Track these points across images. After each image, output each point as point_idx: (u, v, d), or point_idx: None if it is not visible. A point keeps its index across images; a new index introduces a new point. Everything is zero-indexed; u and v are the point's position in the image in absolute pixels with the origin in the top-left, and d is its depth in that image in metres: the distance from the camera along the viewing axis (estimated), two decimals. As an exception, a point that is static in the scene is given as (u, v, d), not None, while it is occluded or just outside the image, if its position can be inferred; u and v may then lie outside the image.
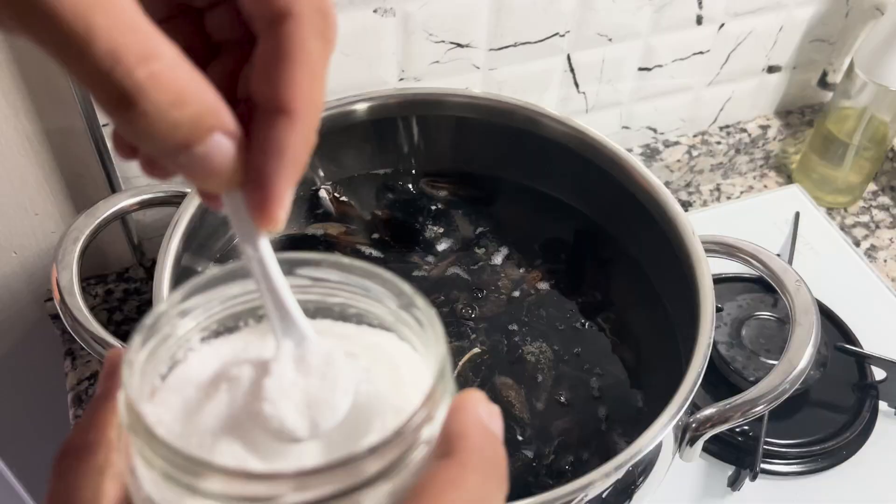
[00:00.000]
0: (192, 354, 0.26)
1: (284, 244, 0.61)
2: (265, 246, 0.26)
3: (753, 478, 0.61)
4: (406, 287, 0.26)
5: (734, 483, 0.63)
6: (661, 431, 0.43)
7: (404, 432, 0.22)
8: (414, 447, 0.23)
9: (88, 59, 0.20)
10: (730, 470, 0.64)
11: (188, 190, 0.53)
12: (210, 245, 0.59)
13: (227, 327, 0.27)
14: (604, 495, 0.44)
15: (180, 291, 0.26)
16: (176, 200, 0.53)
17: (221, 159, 0.23)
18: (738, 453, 0.64)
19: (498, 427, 0.25)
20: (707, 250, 0.53)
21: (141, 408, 0.23)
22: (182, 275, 0.53)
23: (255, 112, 0.25)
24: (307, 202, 0.64)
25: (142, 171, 0.26)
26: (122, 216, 0.53)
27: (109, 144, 0.62)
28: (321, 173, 0.64)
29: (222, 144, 0.23)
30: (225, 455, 0.24)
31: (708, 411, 0.47)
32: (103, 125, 0.60)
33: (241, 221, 0.25)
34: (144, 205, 0.53)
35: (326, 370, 0.25)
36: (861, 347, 0.71)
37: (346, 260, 0.27)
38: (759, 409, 0.46)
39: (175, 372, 0.26)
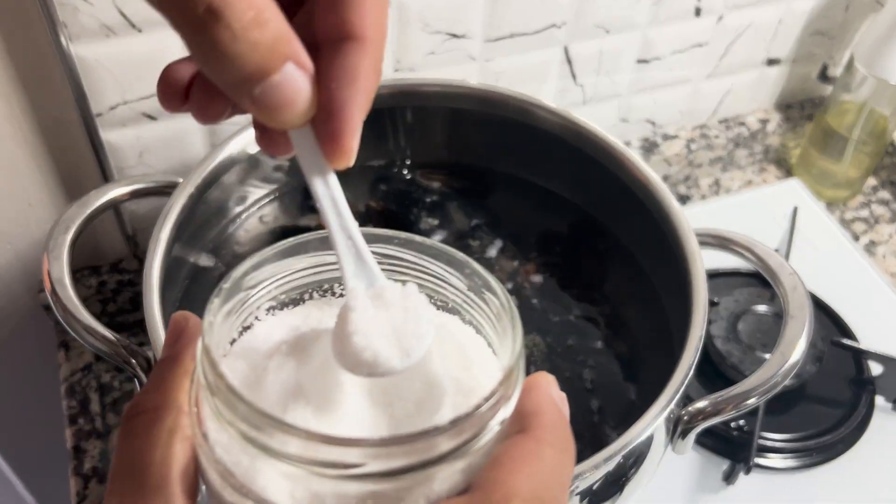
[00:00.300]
0: (259, 324, 0.27)
1: (277, 235, 0.61)
2: (335, 182, 0.26)
3: (748, 472, 0.61)
4: (481, 269, 0.26)
5: (729, 477, 0.62)
6: (652, 423, 0.42)
7: (483, 409, 0.22)
8: (489, 426, 0.23)
9: None
10: (725, 464, 0.64)
11: (180, 180, 0.53)
12: (202, 235, 0.59)
13: (292, 299, 0.27)
14: (594, 487, 0.44)
15: (253, 259, 0.26)
16: (168, 190, 0.53)
17: (295, 89, 0.23)
18: (733, 447, 0.64)
19: (567, 410, 0.26)
20: (702, 243, 0.52)
21: (222, 368, 0.22)
22: (173, 265, 0.52)
23: (321, 49, 0.25)
24: (300, 193, 0.63)
25: (195, 117, 0.27)
26: (113, 206, 0.52)
27: (103, 135, 0.61)
28: (315, 164, 0.63)
29: (296, 74, 0.23)
30: (295, 422, 0.24)
31: (700, 404, 0.47)
32: (96, 115, 0.60)
33: (310, 158, 0.25)
34: (136, 195, 0.53)
35: (406, 302, 0.25)
36: (858, 342, 0.70)
37: (418, 239, 0.27)
38: (752, 401, 0.46)
39: (242, 340, 0.26)
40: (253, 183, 0.60)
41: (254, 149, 0.57)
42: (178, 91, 0.27)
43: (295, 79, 0.23)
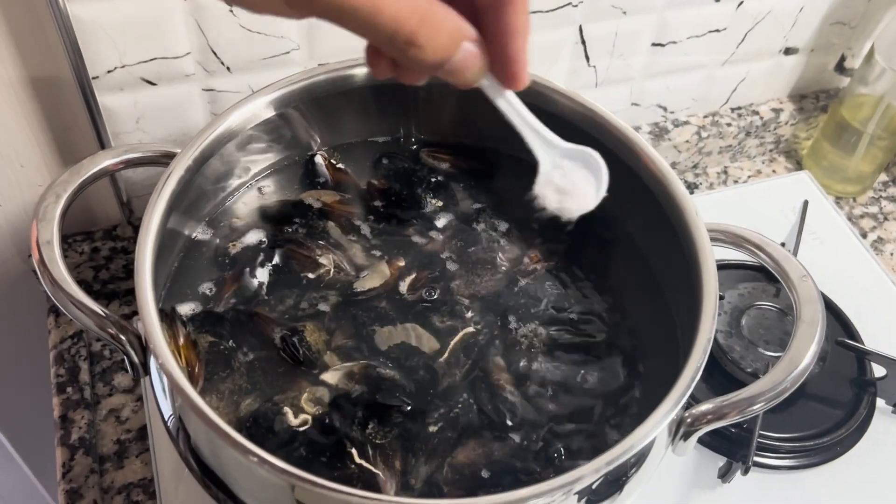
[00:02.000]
0: None
1: (277, 209, 0.59)
2: (513, 97, 0.41)
3: (745, 472, 0.60)
4: None
5: (725, 475, 0.61)
6: (655, 428, 0.41)
7: None
8: None
9: (377, 26, 0.32)
10: (721, 461, 0.63)
11: (177, 150, 0.51)
12: (199, 207, 0.57)
13: None
14: (594, 486, 0.43)
15: None
16: (163, 161, 0.51)
17: (472, 56, 0.35)
18: (731, 445, 0.63)
19: None
20: (712, 239, 0.51)
21: None
22: (167, 237, 0.51)
23: (483, 12, 0.36)
24: (302, 168, 0.61)
25: (400, 80, 0.38)
26: (106, 175, 0.50)
27: (99, 99, 0.59)
28: (317, 138, 0.62)
29: (469, 47, 0.35)
30: None
31: (704, 407, 0.45)
32: (93, 78, 0.58)
33: (495, 91, 0.40)
34: (130, 164, 0.51)
35: (584, 154, 0.40)
36: (862, 343, 0.69)
37: None
38: (757, 407, 0.45)
39: None
40: (253, 155, 0.59)
41: (255, 120, 0.55)
42: (384, 66, 0.37)
43: (469, 51, 0.35)
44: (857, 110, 0.82)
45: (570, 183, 0.43)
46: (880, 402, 0.67)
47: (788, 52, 0.84)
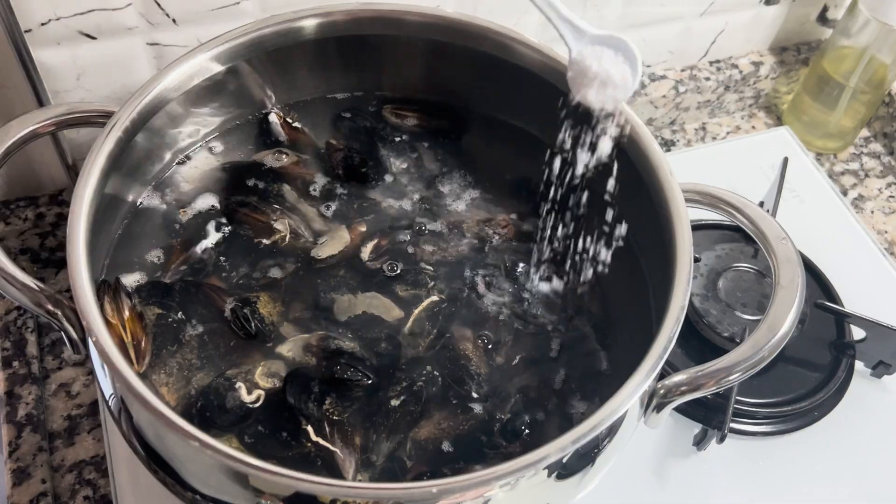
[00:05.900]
0: None
1: (229, 172, 0.56)
2: None
3: (721, 439, 0.58)
4: None
5: (700, 442, 0.60)
6: (626, 402, 0.39)
7: None
8: None
9: None
10: (696, 428, 0.61)
11: (114, 109, 0.47)
12: (144, 170, 0.53)
13: None
14: (564, 461, 0.41)
15: None
16: (100, 120, 0.47)
17: None
18: (706, 412, 0.61)
19: None
20: (687, 199, 0.48)
21: None
22: (108, 204, 0.47)
23: None
24: (255, 127, 0.58)
25: None
26: (37, 138, 0.47)
27: (34, 54, 0.55)
28: (272, 95, 0.58)
29: None
30: None
31: (678, 378, 0.43)
32: (25, 31, 0.54)
33: None
34: (62, 125, 0.47)
35: (613, 40, 0.42)
36: (842, 305, 0.67)
37: None
38: (734, 377, 0.42)
39: None
40: (201, 113, 0.55)
41: (201, 75, 0.52)
42: None
43: None
44: (840, 63, 0.79)
45: (604, 70, 0.42)
46: (859, 365, 0.65)
47: (769, 2, 0.81)
